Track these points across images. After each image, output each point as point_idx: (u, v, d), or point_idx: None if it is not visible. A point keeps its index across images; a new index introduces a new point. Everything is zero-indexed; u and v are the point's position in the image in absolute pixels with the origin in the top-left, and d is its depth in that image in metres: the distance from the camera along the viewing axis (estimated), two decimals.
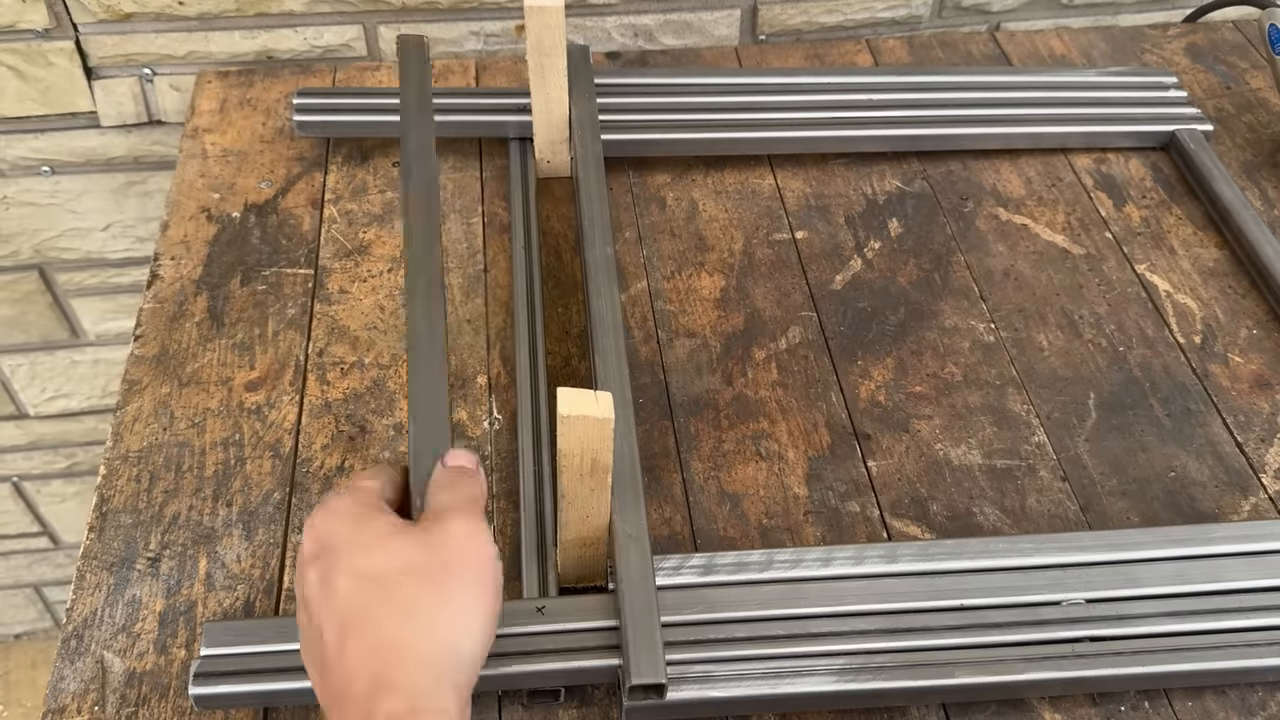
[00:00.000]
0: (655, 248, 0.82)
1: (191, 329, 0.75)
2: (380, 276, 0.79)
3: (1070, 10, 1.08)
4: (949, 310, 0.79)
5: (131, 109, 0.99)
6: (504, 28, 0.99)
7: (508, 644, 0.56)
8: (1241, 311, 0.80)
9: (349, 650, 0.42)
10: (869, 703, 0.59)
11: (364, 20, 0.97)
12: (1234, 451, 0.71)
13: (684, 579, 0.60)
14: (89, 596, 0.62)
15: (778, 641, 0.58)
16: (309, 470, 0.68)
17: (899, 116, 0.89)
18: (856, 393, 0.73)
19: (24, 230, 1.07)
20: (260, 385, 0.72)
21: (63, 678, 0.59)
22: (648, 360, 0.75)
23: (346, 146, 0.89)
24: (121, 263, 1.11)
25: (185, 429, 0.70)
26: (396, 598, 0.43)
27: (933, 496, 0.68)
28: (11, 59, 0.94)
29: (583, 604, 0.58)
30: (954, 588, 0.60)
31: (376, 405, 0.71)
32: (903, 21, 1.06)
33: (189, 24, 0.95)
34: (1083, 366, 0.76)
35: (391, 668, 0.41)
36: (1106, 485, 0.69)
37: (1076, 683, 0.58)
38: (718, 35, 1.03)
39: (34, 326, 1.15)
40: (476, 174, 0.87)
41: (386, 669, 0.41)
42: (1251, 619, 0.60)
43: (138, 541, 0.64)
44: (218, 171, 0.87)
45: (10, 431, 1.27)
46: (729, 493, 0.68)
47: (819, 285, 0.80)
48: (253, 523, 0.65)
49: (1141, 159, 0.91)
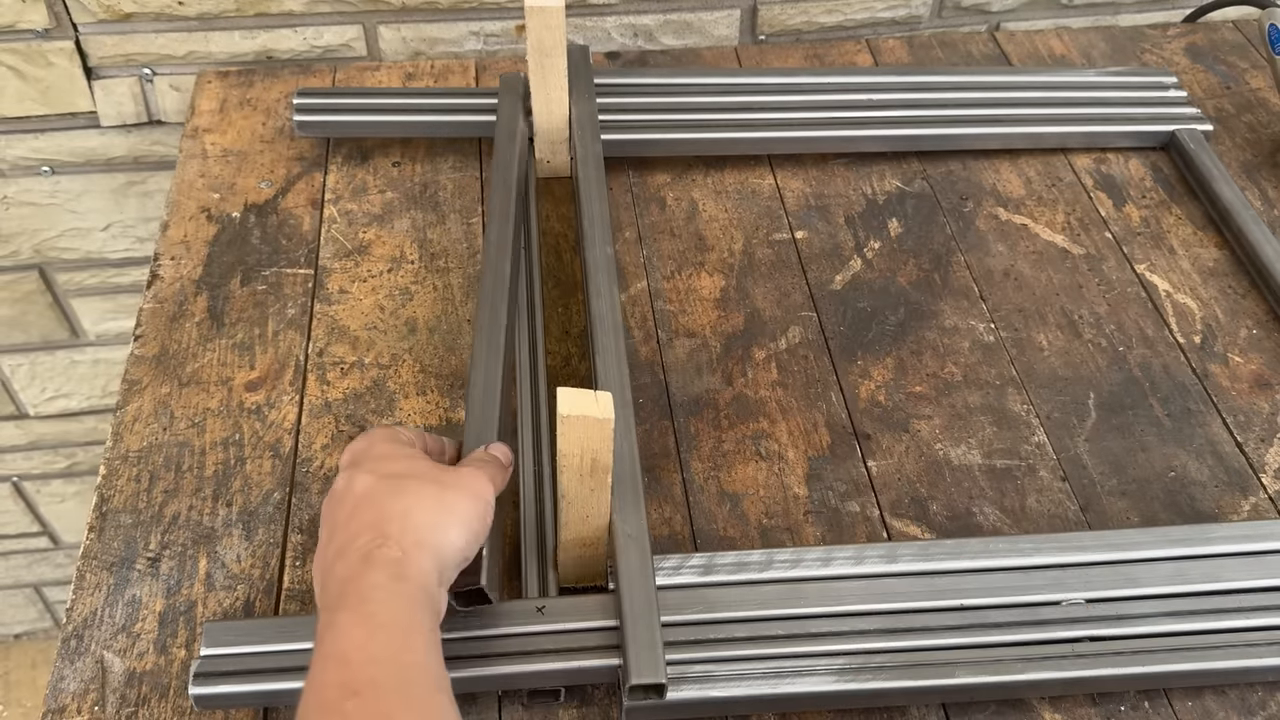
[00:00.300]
0: (655, 248, 0.82)
1: (191, 329, 0.75)
2: (380, 276, 0.79)
3: (1070, 10, 1.08)
4: (949, 310, 0.79)
5: (131, 109, 0.99)
6: (504, 28, 0.99)
7: (508, 644, 0.56)
8: (1241, 311, 0.80)
9: (357, 517, 0.50)
10: (869, 702, 0.59)
11: (364, 20, 0.97)
12: (1234, 451, 0.71)
13: (684, 579, 0.60)
14: (89, 596, 0.62)
15: (778, 641, 0.58)
16: (309, 470, 0.68)
17: (899, 116, 0.89)
18: (856, 393, 0.73)
19: (24, 230, 1.07)
20: (260, 385, 0.72)
21: (63, 677, 0.59)
22: (648, 360, 0.75)
23: (346, 146, 0.89)
24: (121, 263, 1.11)
25: (185, 429, 0.70)
26: (405, 488, 0.52)
27: (932, 496, 0.68)
28: (11, 59, 0.94)
29: (583, 604, 0.58)
30: (954, 588, 0.60)
31: (376, 405, 0.71)
32: (903, 21, 1.06)
33: (189, 24, 0.95)
34: (1083, 366, 0.76)
35: (391, 525, 0.49)
36: (1106, 485, 0.69)
37: (1076, 683, 0.58)
38: (718, 35, 1.03)
39: (34, 326, 1.15)
40: (476, 174, 0.87)
41: (387, 525, 0.49)
42: (1251, 619, 0.60)
43: (138, 541, 0.64)
44: (218, 171, 0.87)
45: (10, 431, 1.27)
46: (729, 493, 0.68)
47: (819, 285, 0.80)
48: (253, 522, 0.65)
49: (1141, 159, 0.91)
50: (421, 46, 0.99)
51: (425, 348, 0.75)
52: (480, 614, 0.57)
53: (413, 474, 0.53)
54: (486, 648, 0.56)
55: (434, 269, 0.80)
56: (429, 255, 0.81)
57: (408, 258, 0.81)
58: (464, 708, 0.58)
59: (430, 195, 0.85)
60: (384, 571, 0.48)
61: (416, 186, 0.86)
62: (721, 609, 0.59)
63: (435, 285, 0.79)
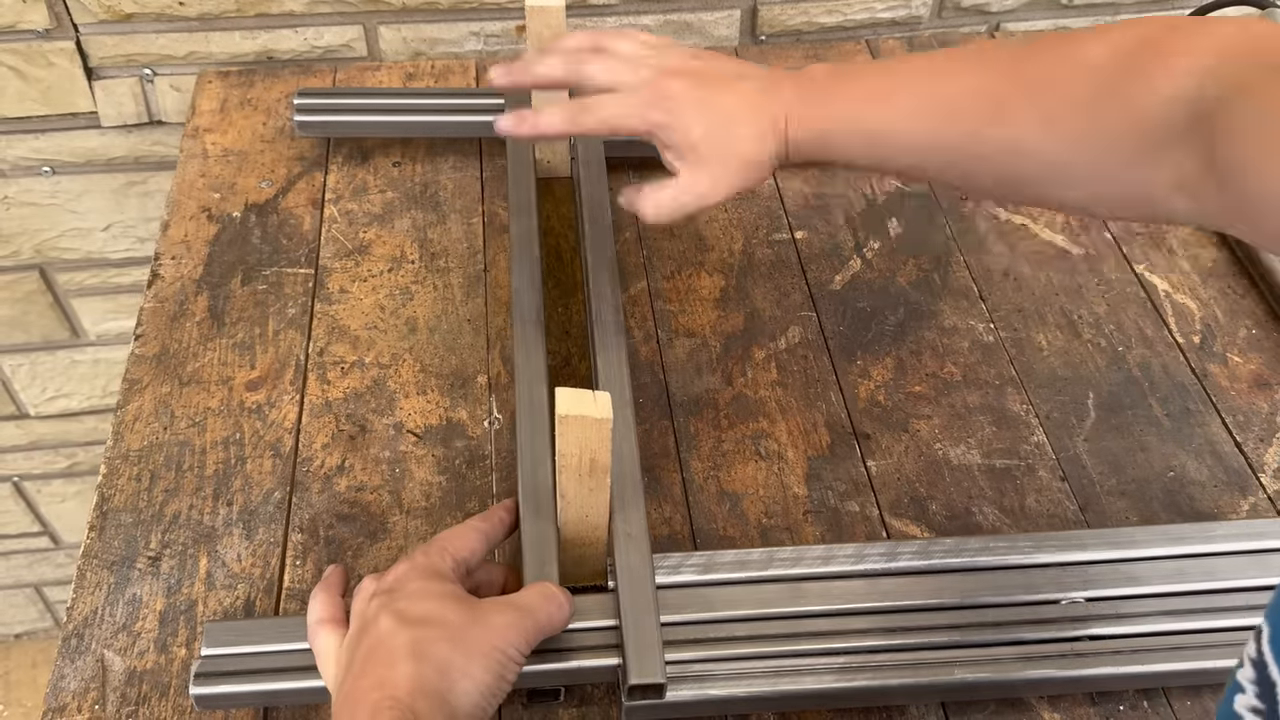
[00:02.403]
0: (655, 248, 0.82)
1: (192, 328, 0.76)
2: (380, 276, 0.79)
3: (1070, 10, 1.08)
4: (948, 310, 0.79)
5: (132, 109, 0.99)
6: (504, 28, 0.99)
7: None
8: (1240, 311, 0.80)
9: (371, 667, 0.49)
10: (868, 701, 0.59)
11: (364, 20, 0.97)
12: (1233, 451, 0.71)
13: (684, 578, 0.60)
14: (89, 595, 0.62)
15: (777, 640, 0.58)
16: (309, 469, 0.68)
17: None
18: (856, 392, 0.74)
19: (25, 230, 1.07)
20: (261, 385, 0.72)
21: (63, 677, 0.59)
22: (648, 360, 0.75)
23: (347, 146, 0.89)
24: (122, 263, 1.12)
25: (186, 428, 0.70)
26: (422, 644, 0.49)
27: (932, 496, 0.68)
28: (12, 59, 0.94)
29: (582, 603, 0.58)
30: (953, 587, 0.60)
31: (376, 405, 0.71)
32: (903, 22, 1.06)
33: (189, 24, 0.95)
34: (1082, 366, 0.76)
35: (400, 686, 0.48)
36: (1105, 485, 0.69)
37: (1075, 681, 0.58)
38: (718, 35, 1.03)
39: (34, 326, 1.16)
40: (477, 174, 0.88)
41: (396, 687, 0.48)
42: (1250, 618, 0.60)
43: (138, 541, 0.64)
44: (218, 171, 0.87)
45: (11, 431, 1.27)
46: (729, 492, 0.68)
47: (818, 285, 0.80)
48: (253, 522, 0.65)
49: None
50: (422, 47, 0.99)
51: (425, 347, 0.75)
52: None
53: (436, 622, 0.51)
54: None
55: (434, 269, 0.80)
56: (429, 255, 0.81)
57: (408, 257, 0.81)
58: None
59: (430, 195, 0.86)
60: None
61: (417, 186, 0.86)
62: (721, 608, 0.59)
63: (435, 285, 0.79)
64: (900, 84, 0.58)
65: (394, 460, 0.69)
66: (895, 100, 0.57)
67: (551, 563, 0.57)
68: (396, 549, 0.64)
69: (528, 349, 0.68)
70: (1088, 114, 0.50)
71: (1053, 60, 0.53)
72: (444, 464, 0.69)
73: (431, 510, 0.66)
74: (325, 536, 0.65)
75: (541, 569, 0.57)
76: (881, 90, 0.58)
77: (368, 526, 0.65)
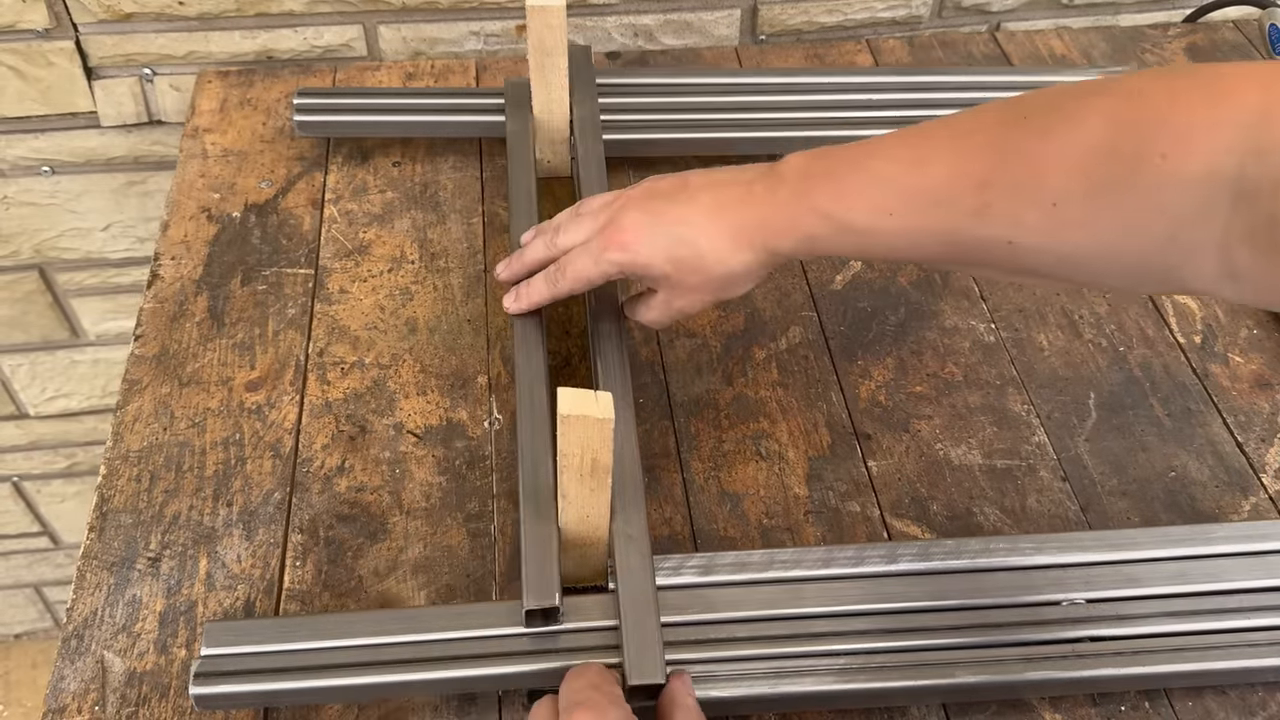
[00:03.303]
0: None
1: (192, 329, 0.75)
2: (380, 276, 0.79)
3: (1070, 10, 1.08)
4: (949, 310, 0.79)
5: (131, 109, 0.99)
6: (504, 28, 0.99)
7: (508, 644, 0.56)
8: (1241, 311, 0.80)
9: None
10: (869, 702, 0.59)
11: (364, 20, 0.97)
12: (1234, 451, 0.71)
13: (684, 579, 0.60)
14: (89, 596, 0.62)
15: (778, 641, 0.58)
16: (309, 470, 0.68)
17: (899, 116, 0.89)
18: (856, 393, 0.74)
19: (24, 230, 1.07)
20: (260, 385, 0.72)
21: (63, 677, 0.59)
22: (648, 360, 0.75)
23: (346, 146, 0.89)
24: (122, 263, 1.11)
25: (185, 429, 0.70)
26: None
27: (933, 496, 0.68)
28: (11, 59, 0.94)
29: (583, 604, 0.58)
30: (954, 587, 0.60)
31: (377, 405, 0.71)
32: (903, 21, 1.06)
33: (189, 24, 0.95)
34: (1083, 366, 0.76)
35: None
36: (1107, 485, 0.69)
37: (1077, 683, 0.58)
38: (718, 35, 1.03)
39: (34, 326, 1.15)
40: (477, 174, 0.87)
41: None
42: (1252, 619, 0.60)
43: (138, 541, 0.64)
44: (218, 171, 0.87)
45: (10, 431, 1.27)
46: (729, 493, 0.68)
47: (819, 285, 0.80)
48: (253, 522, 0.65)
49: None
50: (422, 46, 0.99)
51: (425, 347, 0.75)
52: (480, 613, 0.57)
53: None
54: (486, 648, 0.56)
55: (434, 269, 0.80)
56: (429, 255, 0.81)
57: (408, 258, 0.81)
58: (464, 708, 0.58)
59: (430, 195, 0.85)
60: None
61: (417, 186, 0.86)
62: (722, 609, 0.59)
63: (435, 285, 0.79)
64: (876, 177, 0.55)
65: (394, 461, 0.69)
66: (871, 195, 0.55)
67: (552, 563, 0.57)
68: (396, 550, 0.64)
69: (528, 349, 0.68)
70: (1094, 205, 0.47)
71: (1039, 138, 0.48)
72: (444, 464, 0.68)
73: (431, 511, 0.66)
74: (325, 537, 0.65)
75: (542, 569, 0.57)
76: (857, 186, 0.55)
77: (368, 527, 0.65)
